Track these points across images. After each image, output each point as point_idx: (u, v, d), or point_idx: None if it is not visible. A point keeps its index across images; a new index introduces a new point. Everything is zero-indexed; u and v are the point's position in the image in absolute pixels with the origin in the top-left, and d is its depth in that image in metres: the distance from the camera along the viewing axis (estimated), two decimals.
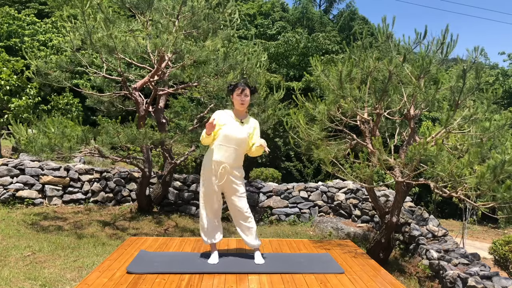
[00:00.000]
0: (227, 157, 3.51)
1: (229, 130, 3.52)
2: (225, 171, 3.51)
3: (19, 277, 4.23)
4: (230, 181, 3.57)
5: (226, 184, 3.57)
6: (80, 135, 5.68)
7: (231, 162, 3.52)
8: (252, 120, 3.72)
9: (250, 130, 3.61)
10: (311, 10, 21.98)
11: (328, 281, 3.31)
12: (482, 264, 4.88)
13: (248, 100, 3.62)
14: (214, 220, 3.68)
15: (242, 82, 3.65)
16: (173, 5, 6.42)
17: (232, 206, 3.67)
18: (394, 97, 5.00)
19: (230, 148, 3.51)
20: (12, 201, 7.28)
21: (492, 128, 4.13)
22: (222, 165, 3.50)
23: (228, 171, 3.52)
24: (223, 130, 3.52)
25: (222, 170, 3.50)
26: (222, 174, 3.51)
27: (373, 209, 7.19)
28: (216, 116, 3.61)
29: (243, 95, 3.57)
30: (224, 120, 3.57)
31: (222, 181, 3.52)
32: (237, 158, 3.57)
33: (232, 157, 3.53)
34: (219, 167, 3.50)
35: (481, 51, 4.40)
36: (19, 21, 15.50)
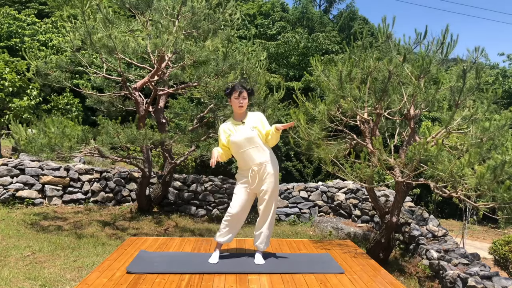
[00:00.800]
0: (251, 160, 3.53)
1: (236, 137, 3.54)
2: (255, 174, 3.53)
3: (19, 277, 4.23)
4: (262, 179, 3.56)
5: (259, 184, 3.57)
6: (80, 135, 5.68)
7: (257, 162, 3.53)
8: (252, 114, 3.70)
9: (255, 124, 3.59)
10: (311, 10, 21.97)
11: (328, 281, 3.31)
12: (482, 264, 4.88)
13: (247, 102, 3.62)
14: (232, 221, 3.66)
15: (238, 85, 3.63)
16: (173, 5, 6.42)
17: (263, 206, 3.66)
18: (394, 97, 5.00)
19: (248, 150, 3.52)
20: (12, 201, 7.28)
21: (492, 128, 4.13)
22: (251, 169, 3.52)
23: (258, 171, 3.53)
24: (232, 140, 3.55)
25: (252, 174, 3.52)
26: (253, 177, 3.53)
27: (373, 209, 7.19)
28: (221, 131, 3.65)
29: (241, 97, 3.56)
30: (228, 132, 3.60)
31: (254, 184, 3.54)
32: (260, 154, 3.55)
33: (255, 157, 3.53)
34: (249, 172, 3.53)
35: (481, 51, 4.40)
36: (19, 22, 15.50)
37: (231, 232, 3.70)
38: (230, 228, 3.67)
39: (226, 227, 3.66)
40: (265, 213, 3.69)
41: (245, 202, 3.63)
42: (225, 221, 3.66)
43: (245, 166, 3.58)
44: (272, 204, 3.68)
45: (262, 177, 3.56)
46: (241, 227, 3.87)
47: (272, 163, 3.62)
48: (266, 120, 3.70)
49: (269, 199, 3.63)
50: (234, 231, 3.72)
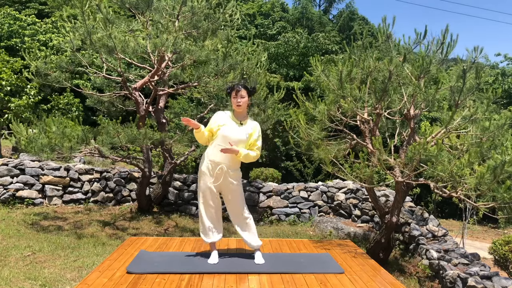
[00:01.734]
0: (225, 158, 3.50)
1: (227, 131, 3.51)
2: (222, 172, 3.50)
3: (19, 277, 4.24)
4: (227, 181, 3.56)
5: (223, 184, 3.56)
6: (80, 135, 5.68)
7: (227, 163, 3.51)
8: (252, 122, 3.69)
9: (249, 131, 3.58)
10: (311, 10, 21.97)
11: (328, 281, 3.32)
12: (482, 264, 4.88)
13: (245, 101, 3.59)
14: (212, 218, 3.66)
15: (238, 84, 3.63)
16: (173, 5, 6.43)
17: (230, 207, 3.68)
18: (394, 97, 4.99)
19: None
20: (12, 201, 7.28)
21: (492, 128, 4.13)
22: (219, 166, 3.49)
23: (225, 171, 3.51)
24: (221, 131, 3.51)
25: (219, 171, 3.50)
26: (219, 174, 3.50)
27: (373, 209, 7.19)
28: (216, 116, 3.62)
29: (239, 96, 3.55)
30: (223, 121, 3.56)
31: (218, 181, 3.51)
32: (234, 159, 3.54)
33: (229, 157, 3.51)
34: (217, 167, 3.50)
35: (481, 51, 4.40)
36: (19, 21, 15.50)
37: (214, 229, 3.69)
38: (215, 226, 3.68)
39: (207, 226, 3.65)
40: (236, 211, 3.66)
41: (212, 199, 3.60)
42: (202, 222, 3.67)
43: (217, 159, 3.49)
44: (240, 202, 3.64)
45: (227, 177, 3.54)
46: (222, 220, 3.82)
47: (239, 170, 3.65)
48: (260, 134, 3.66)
49: (235, 197, 3.61)
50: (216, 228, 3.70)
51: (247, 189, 7.87)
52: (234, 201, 3.63)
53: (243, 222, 3.68)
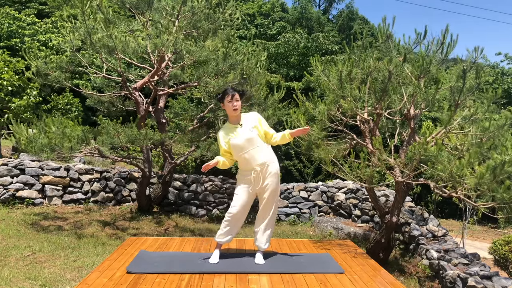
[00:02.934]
0: (254, 161, 3.51)
1: (236, 140, 3.52)
2: (257, 174, 3.51)
3: (19, 277, 4.24)
4: (265, 179, 3.56)
5: (261, 184, 3.57)
6: (80, 135, 5.68)
7: (260, 162, 3.51)
8: (248, 114, 3.68)
9: (254, 124, 3.58)
10: (310, 10, 21.95)
11: (328, 281, 3.32)
12: (482, 264, 4.88)
13: (240, 104, 3.59)
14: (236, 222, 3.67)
15: (229, 88, 3.62)
16: (173, 5, 6.43)
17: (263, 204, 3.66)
18: (394, 97, 4.99)
19: (249, 152, 3.50)
20: (12, 201, 7.28)
21: (492, 128, 4.13)
22: (253, 170, 3.51)
23: (261, 171, 3.52)
24: (233, 143, 3.53)
25: (255, 175, 3.51)
26: (256, 178, 3.52)
27: (373, 209, 7.19)
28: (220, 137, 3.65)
29: (234, 100, 3.54)
30: (227, 137, 3.58)
31: (258, 185, 3.53)
32: (263, 154, 3.54)
33: (257, 157, 3.51)
34: (251, 173, 3.51)
35: (481, 51, 4.40)
36: (19, 21, 15.49)
37: (232, 232, 3.70)
38: (231, 228, 3.67)
39: (227, 227, 3.65)
40: (265, 212, 3.68)
41: (246, 203, 3.62)
42: (225, 221, 3.66)
43: (247, 167, 3.55)
44: (273, 203, 3.67)
45: (265, 176, 3.55)
46: (240, 227, 3.87)
47: (274, 162, 3.63)
48: (264, 119, 3.69)
49: (270, 198, 3.62)
50: (234, 231, 3.72)
51: None
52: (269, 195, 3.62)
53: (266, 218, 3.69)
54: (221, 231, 3.68)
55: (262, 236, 3.72)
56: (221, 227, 3.70)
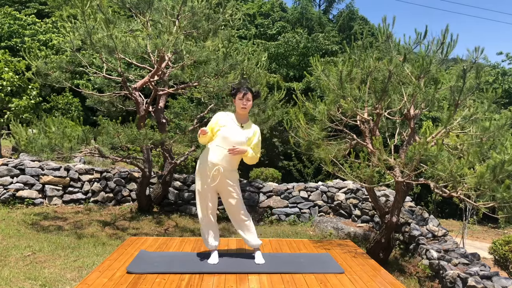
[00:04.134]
0: (222, 159, 3.49)
1: (228, 132, 3.50)
2: (219, 173, 3.49)
3: (19, 277, 4.24)
4: (224, 183, 3.55)
5: (220, 185, 3.55)
6: (81, 135, 5.68)
7: (225, 165, 3.50)
8: (253, 126, 3.68)
9: (249, 135, 3.58)
10: (311, 10, 21.95)
11: (328, 281, 3.32)
12: (482, 264, 4.88)
13: (250, 105, 3.61)
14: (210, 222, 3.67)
15: (244, 87, 3.63)
16: (173, 5, 6.42)
17: (228, 208, 3.67)
18: (394, 97, 5.00)
19: (226, 150, 3.48)
20: (12, 201, 7.28)
21: (492, 128, 4.13)
22: (216, 167, 3.47)
23: (223, 173, 3.50)
24: (222, 132, 3.51)
25: (216, 172, 3.48)
26: (215, 175, 3.49)
27: (373, 209, 7.19)
28: (217, 117, 3.62)
29: (245, 99, 3.55)
30: (224, 122, 3.56)
31: (215, 182, 3.50)
32: (232, 161, 3.54)
33: (227, 159, 3.50)
34: (214, 168, 3.49)
35: (481, 51, 4.40)
36: (19, 21, 15.50)
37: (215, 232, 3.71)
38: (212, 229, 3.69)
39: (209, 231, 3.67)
40: (236, 213, 3.65)
41: (212, 200, 3.61)
42: (204, 227, 3.67)
43: (215, 160, 3.49)
44: (238, 203, 3.64)
45: (225, 178, 3.53)
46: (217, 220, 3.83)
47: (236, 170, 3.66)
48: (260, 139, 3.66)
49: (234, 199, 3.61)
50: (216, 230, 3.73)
51: (247, 189, 7.87)
52: (232, 202, 3.62)
53: (242, 223, 3.68)
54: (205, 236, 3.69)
55: (249, 235, 3.70)
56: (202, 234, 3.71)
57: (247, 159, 3.55)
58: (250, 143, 3.58)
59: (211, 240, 3.69)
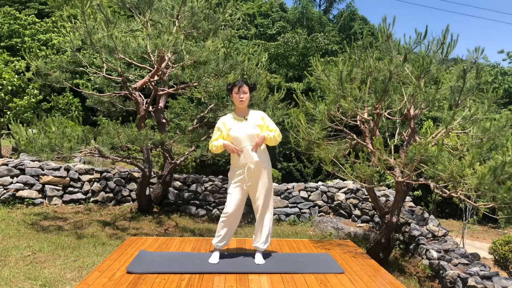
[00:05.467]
0: (249, 157, 3.51)
1: (236, 132, 3.53)
2: (251, 171, 3.52)
3: (19, 277, 4.24)
4: (258, 178, 3.57)
5: (254, 183, 3.57)
6: (81, 135, 5.68)
7: (255, 160, 3.52)
8: (255, 112, 3.71)
9: (257, 122, 3.60)
10: (311, 10, 21.96)
11: (328, 281, 3.31)
12: (482, 264, 4.88)
13: (248, 97, 3.63)
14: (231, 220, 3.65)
15: (239, 80, 3.68)
16: (172, 5, 6.42)
17: (257, 203, 3.66)
18: (394, 97, 4.99)
19: (247, 147, 3.51)
20: (12, 201, 7.28)
21: (492, 128, 4.13)
22: (246, 167, 3.51)
23: (255, 169, 3.52)
24: (231, 134, 3.54)
25: (248, 171, 3.51)
26: (249, 174, 3.52)
27: (373, 209, 7.19)
28: (221, 122, 3.64)
29: (241, 92, 3.59)
30: (228, 125, 3.59)
31: (250, 181, 3.53)
32: (258, 152, 3.56)
33: (253, 154, 3.52)
34: (244, 169, 3.52)
35: (482, 51, 4.40)
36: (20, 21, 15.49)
37: (229, 234, 3.70)
38: (228, 229, 3.67)
39: (224, 228, 3.65)
40: (262, 212, 3.68)
41: (240, 201, 3.62)
42: (222, 222, 3.65)
43: (241, 163, 3.55)
44: (269, 202, 3.67)
45: (258, 175, 3.56)
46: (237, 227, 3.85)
47: (268, 161, 3.66)
48: (270, 119, 3.70)
49: (265, 197, 3.63)
50: (231, 233, 3.73)
51: None
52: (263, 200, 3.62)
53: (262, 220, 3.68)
54: (218, 233, 3.67)
55: (260, 237, 3.72)
56: (217, 229, 3.69)
57: (271, 141, 3.59)
58: (262, 128, 3.60)
59: (220, 239, 3.67)
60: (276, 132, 3.62)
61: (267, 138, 3.56)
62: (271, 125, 3.64)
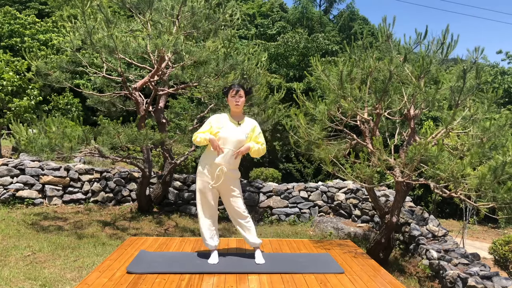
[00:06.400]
0: (224, 159, 3.52)
1: (226, 133, 3.53)
2: (222, 173, 3.51)
3: (19, 277, 4.24)
4: (227, 182, 3.58)
5: (222, 185, 3.58)
6: (81, 135, 5.68)
7: (228, 165, 3.53)
8: (250, 120, 3.72)
9: (248, 131, 3.61)
10: (311, 10, 21.97)
11: (328, 281, 3.31)
12: (482, 264, 4.87)
13: (243, 101, 3.63)
14: (210, 223, 3.68)
15: (236, 84, 3.68)
16: (172, 5, 6.42)
17: (229, 207, 3.69)
18: (394, 97, 4.99)
19: (227, 150, 3.51)
20: (12, 201, 7.28)
21: (492, 128, 4.13)
22: (219, 167, 3.50)
23: (225, 173, 3.52)
24: (220, 133, 3.54)
25: (219, 172, 3.50)
26: (218, 176, 3.51)
27: (373, 209, 7.19)
28: (214, 119, 3.64)
29: (237, 96, 3.59)
30: (221, 124, 3.59)
31: (218, 182, 3.52)
32: (234, 160, 3.57)
33: (230, 159, 3.53)
34: (216, 169, 3.51)
35: (481, 51, 4.40)
36: (20, 20, 15.50)
37: (215, 231, 3.72)
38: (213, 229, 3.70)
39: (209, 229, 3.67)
40: (237, 212, 3.67)
41: (213, 199, 3.63)
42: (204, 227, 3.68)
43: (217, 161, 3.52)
44: (241, 200, 3.68)
45: (228, 178, 3.57)
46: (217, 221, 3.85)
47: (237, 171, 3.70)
48: (260, 131, 3.70)
49: (238, 196, 3.64)
50: (216, 229, 3.76)
51: (247, 189, 7.87)
52: (233, 201, 3.64)
53: (243, 222, 3.70)
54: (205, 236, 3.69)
55: (249, 234, 3.71)
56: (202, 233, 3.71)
57: (254, 153, 3.60)
58: (251, 138, 3.62)
59: (210, 240, 3.69)
60: (262, 146, 3.65)
61: (252, 149, 3.57)
62: (259, 137, 3.66)
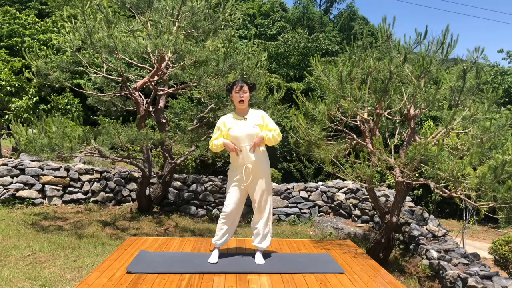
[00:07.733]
0: (247, 157, 3.53)
1: (236, 131, 3.54)
2: (249, 171, 3.52)
3: (19, 277, 4.24)
4: (256, 178, 3.58)
5: (252, 183, 3.58)
6: (81, 135, 5.68)
7: (252, 160, 3.53)
8: (255, 111, 3.71)
9: (257, 122, 3.61)
10: (312, 10, 21.97)
11: (328, 281, 3.31)
12: (482, 264, 4.87)
13: (248, 96, 3.63)
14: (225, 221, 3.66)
15: (239, 80, 3.68)
16: (172, 5, 6.42)
17: (257, 203, 3.66)
18: (394, 97, 4.99)
19: (246, 147, 3.53)
20: (12, 201, 7.28)
21: (492, 128, 4.12)
22: (244, 166, 3.52)
23: (252, 169, 3.53)
24: (231, 134, 3.55)
25: (246, 171, 3.52)
26: (247, 174, 3.53)
27: (373, 209, 7.19)
28: (220, 125, 3.64)
29: (242, 91, 3.59)
30: (228, 124, 3.60)
31: (248, 181, 3.54)
32: (257, 152, 3.57)
33: (251, 154, 3.53)
34: (242, 168, 3.53)
35: (481, 51, 4.39)
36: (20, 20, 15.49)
37: (228, 233, 3.70)
38: (228, 228, 3.67)
39: (223, 227, 3.66)
40: (260, 212, 3.68)
41: (239, 200, 3.63)
42: (221, 221, 3.66)
43: (240, 162, 3.56)
44: (268, 201, 3.68)
45: (256, 174, 3.57)
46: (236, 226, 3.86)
47: (266, 161, 3.67)
48: (269, 118, 3.70)
49: (264, 197, 3.63)
50: (231, 231, 3.73)
51: None
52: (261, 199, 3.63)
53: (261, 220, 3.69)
54: (218, 232, 3.68)
55: (260, 237, 3.72)
56: (217, 228, 3.69)
57: (269, 141, 3.59)
58: (262, 128, 3.60)
59: (220, 238, 3.67)
60: (276, 131, 3.61)
61: (266, 138, 3.57)
62: (270, 124, 3.64)
